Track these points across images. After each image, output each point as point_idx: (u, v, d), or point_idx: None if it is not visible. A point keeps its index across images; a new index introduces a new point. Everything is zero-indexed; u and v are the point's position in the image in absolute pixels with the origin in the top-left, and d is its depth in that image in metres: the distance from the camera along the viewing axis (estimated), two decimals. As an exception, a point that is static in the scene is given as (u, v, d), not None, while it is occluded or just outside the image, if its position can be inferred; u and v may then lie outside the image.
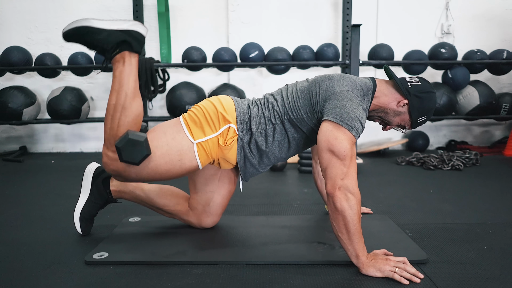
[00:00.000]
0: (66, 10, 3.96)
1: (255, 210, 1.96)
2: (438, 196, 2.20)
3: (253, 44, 3.53)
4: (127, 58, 1.34)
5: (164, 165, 1.37)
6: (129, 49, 1.34)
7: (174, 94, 3.56)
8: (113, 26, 1.32)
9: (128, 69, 1.34)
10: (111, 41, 1.31)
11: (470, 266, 1.30)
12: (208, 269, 1.29)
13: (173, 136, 1.39)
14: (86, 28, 1.30)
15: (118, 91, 1.34)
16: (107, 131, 1.35)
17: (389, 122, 1.49)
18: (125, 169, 1.36)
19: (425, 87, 1.45)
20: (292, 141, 1.45)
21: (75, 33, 1.31)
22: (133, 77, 1.35)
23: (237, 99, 1.49)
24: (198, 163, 1.41)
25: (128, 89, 1.34)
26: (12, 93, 3.56)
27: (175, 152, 1.38)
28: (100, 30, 1.31)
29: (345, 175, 1.23)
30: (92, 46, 1.33)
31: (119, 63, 1.34)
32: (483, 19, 3.96)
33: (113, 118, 1.34)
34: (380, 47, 3.58)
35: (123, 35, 1.32)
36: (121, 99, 1.33)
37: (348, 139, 1.26)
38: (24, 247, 1.49)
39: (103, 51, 1.34)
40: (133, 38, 1.33)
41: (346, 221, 1.21)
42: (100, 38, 1.31)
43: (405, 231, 1.62)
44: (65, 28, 1.31)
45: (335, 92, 1.34)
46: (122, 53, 1.33)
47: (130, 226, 1.69)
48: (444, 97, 3.52)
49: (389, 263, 1.21)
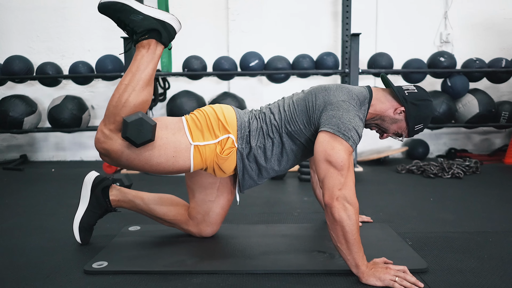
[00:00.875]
0: (67, 20, 3.99)
1: (255, 219, 1.96)
2: (438, 205, 2.20)
3: (253, 53, 3.55)
4: (153, 46, 1.34)
5: (157, 157, 1.36)
6: (158, 39, 1.34)
7: (175, 102, 3.57)
8: (150, 13, 1.33)
9: (150, 57, 1.34)
10: (144, 25, 1.31)
11: (470, 275, 1.29)
12: (208, 279, 1.29)
13: (174, 132, 1.39)
14: (123, 6, 1.31)
15: (134, 73, 1.33)
16: (110, 108, 1.34)
17: (386, 130, 1.49)
18: (118, 150, 1.34)
19: (422, 95, 1.45)
20: (290, 154, 1.45)
21: (112, 7, 1.31)
22: (152, 65, 1.35)
23: (239, 110, 1.49)
24: (190, 165, 1.40)
25: (143, 75, 1.33)
26: (13, 102, 3.58)
27: (172, 147, 1.37)
28: (137, 11, 1.32)
29: (343, 185, 1.23)
30: (123, 25, 1.34)
31: (144, 49, 1.34)
32: (482, 28, 3.99)
33: (121, 97, 1.33)
34: (379, 55, 3.60)
35: (157, 24, 1.32)
36: (134, 82, 1.33)
37: (345, 149, 1.26)
38: (23, 256, 1.49)
39: (132, 32, 1.34)
40: (166, 30, 1.34)
41: (345, 231, 1.20)
42: (135, 20, 1.31)
43: (405, 239, 1.62)
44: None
45: (331, 102, 1.34)
46: (149, 40, 1.34)
47: (129, 235, 1.69)
48: (444, 105, 3.54)
49: (389, 272, 1.21)
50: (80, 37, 4.01)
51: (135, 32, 1.33)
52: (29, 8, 3.97)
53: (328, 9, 3.99)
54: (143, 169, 1.40)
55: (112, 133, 1.34)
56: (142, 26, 1.31)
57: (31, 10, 3.97)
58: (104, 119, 1.36)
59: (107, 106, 1.36)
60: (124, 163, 1.38)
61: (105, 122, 1.35)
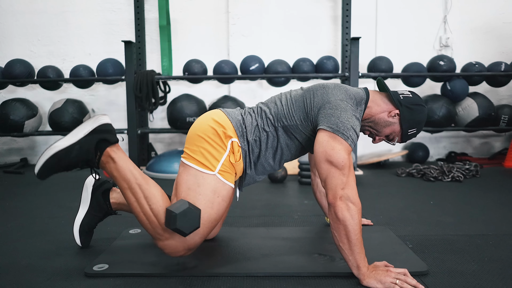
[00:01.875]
0: (68, 23, 4.01)
1: (255, 222, 1.96)
2: (439, 208, 2.20)
3: (254, 57, 3.57)
4: (112, 153, 1.33)
5: (212, 210, 1.34)
6: (108, 145, 1.32)
7: (175, 106, 3.58)
8: (79, 135, 1.31)
9: (122, 162, 1.32)
10: (87, 149, 1.30)
11: (471, 277, 1.29)
12: (209, 281, 1.29)
13: (197, 183, 1.34)
14: (55, 156, 1.28)
15: (130, 188, 1.32)
16: (150, 228, 1.31)
17: (379, 133, 1.49)
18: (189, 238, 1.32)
19: (416, 100, 1.47)
20: (285, 148, 1.45)
21: (48, 166, 1.28)
22: (131, 165, 1.33)
23: (227, 110, 1.48)
24: (230, 185, 1.39)
25: (136, 179, 1.32)
26: (14, 105, 3.59)
27: (211, 193, 1.34)
28: (69, 147, 1.29)
29: (345, 185, 1.24)
30: (72, 166, 1.31)
31: (109, 163, 1.33)
32: (481, 32, 4.00)
33: (146, 213, 1.31)
34: (379, 59, 3.62)
35: (94, 137, 1.31)
36: (138, 193, 1.31)
37: (345, 149, 1.27)
38: (24, 259, 1.49)
39: (87, 162, 1.32)
40: (105, 132, 1.32)
41: (348, 230, 1.21)
42: (76, 154, 1.29)
43: (406, 242, 1.62)
44: (35, 169, 1.29)
45: (329, 101, 1.35)
46: (105, 153, 1.32)
47: (130, 238, 1.69)
48: (444, 109, 3.55)
49: (390, 274, 1.21)
50: (81, 41, 4.02)
51: (89, 160, 1.32)
52: (30, 12, 3.99)
53: (328, 14, 4.01)
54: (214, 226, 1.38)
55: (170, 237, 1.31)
56: (87, 151, 1.30)
57: (32, 14, 3.99)
58: (155, 238, 1.33)
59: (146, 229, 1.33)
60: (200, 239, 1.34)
61: (158, 238, 1.32)
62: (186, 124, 3.50)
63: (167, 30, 3.72)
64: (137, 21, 3.78)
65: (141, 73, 3.50)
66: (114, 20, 4.01)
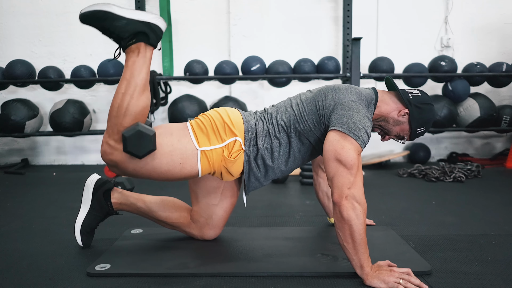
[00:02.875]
0: (69, 24, 4.00)
1: (257, 222, 1.96)
2: (441, 208, 2.19)
3: (255, 57, 3.56)
4: (142, 49, 1.32)
5: (165, 165, 1.36)
6: (146, 41, 1.31)
7: (176, 106, 3.58)
8: (133, 16, 1.30)
9: (142, 61, 1.32)
10: (129, 29, 1.28)
11: (475, 277, 1.29)
12: (211, 281, 1.28)
13: (179, 138, 1.38)
14: (106, 13, 1.27)
15: (128, 81, 1.32)
16: (111, 119, 1.33)
17: (389, 132, 1.50)
18: (124, 161, 1.34)
19: (425, 98, 1.47)
20: (298, 154, 1.45)
21: (94, 16, 1.28)
22: (145, 69, 1.33)
23: (244, 113, 1.49)
24: (198, 171, 1.40)
25: (138, 80, 1.32)
26: (15, 105, 3.58)
27: (178, 154, 1.36)
28: (119, 17, 1.28)
29: (352, 184, 1.23)
30: (108, 32, 1.31)
31: (134, 53, 1.32)
32: (482, 33, 4.00)
33: (120, 107, 1.31)
34: (380, 60, 3.61)
35: (142, 26, 1.30)
36: (131, 89, 1.31)
37: (355, 149, 1.26)
38: (25, 259, 1.48)
39: (119, 39, 1.31)
40: (152, 30, 1.31)
41: (352, 230, 1.20)
42: (119, 25, 1.28)
43: (409, 242, 1.61)
44: (83, 9, 1.28)
45: (341, 102, 1.35)
46: (138, 44, 1.31)
47: (132, 238, 1.69)
48: (445, 110, 3.54)
49: (393, 274, 1.21)
50: (82, 42, 4.02)
51: (121, 38, 1.30)
52: (31, 13, 3.99)
53: (329, 14, 4.00)
54: (151, 177, 1.40)
55: (117, 144, 1.34)
56: (127, 30, 1.28)
57: (33, 15, 3.99)
58: (107, 130, 1.35)
59: (108, 117, 1.35)
60: (131, 172, 1.38)
61: (109, 133, 1.34)
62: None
63: (168, 30, 3.71)
64: (138, 21, 3.78)
65: (142, 73, 3.49)
66: (115, 20, 4.00)
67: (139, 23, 1.30)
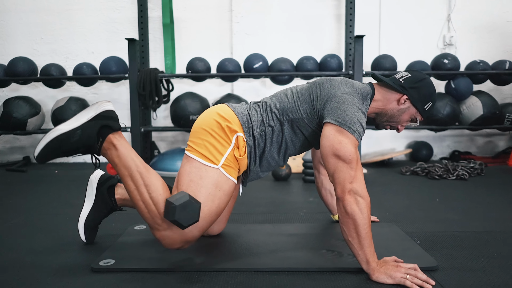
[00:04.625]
0: (71, 22, 4.01)
1: (261, 219, 1.95)
2: (445, 205, 2.18)
3: (257, 55, 3.56)
4: (114, 140, 1.31)
5: (213, 204, 1.32)
6: (110, 131, 1.31)
7: (178, 104, 3.57)
8: (82, 120, 1.29)
9: (123, 149, 1.31)
10: (89, 134, 1.27)
11: (481, 273, 1.28)
12: (216, 276, 1.27)
13: (200, 176, 1.32)
14: (57, 139, 1.27)
15: (130, 176, 1.30)
16: (149, 216, 1.29)
17: (398, 122, 1.49)
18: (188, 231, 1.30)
19: (417, 76, 1.46)
20: (290, 143, 1.44)
21: (50, 150, 1.27)
22: (133, 153, 1.32)
23: (233, 105, 1.46)
24: (233, 180, 1.38)
25: (137, 167, 1.30)
26: (17, 103, 3.58)
27: (212, 187, 1.32)
28: (71, 131, 1.27)
29: (353, 179, 1.23)
30: (73, 151, 1.29)
31: (111, 150, 1.31)
32: (485, 31, 3.99)
33: (145, 201, 1.29)
34: (383, 58, 3.60)
35: (97, 123, 1.29)
36: (139, 180, 1.29)
37: (351, 143, 1.26)
38: (29, 255, 1.48)
39: (89, 148, 1.30)
40: (108, 118, 1.30)
41: (357, 224, 1.20)
42: (77, 139, 1.27)
43: (413, 239, 1.61)
44: (35, 152, 1.27)
45: (335, 95, 1.34)
46: (107, 139, 1.30)
47: (136, 234, 1.68)
48: (448, 107, 3.53)
49: (400, 269, 1.20)
50: (84, 39, 4.02)
51: (90, 146, 1.30)
52: (33, 10, 3.99)
53: (332, 12, 3.99)
54: (213, 220, 1.36)
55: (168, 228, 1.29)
56: (89, 136, 1.28)
57: (35, 12, 3.99)
58: (152, 227, 1.31)
59: (144, 218, 1.31)
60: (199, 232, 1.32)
61: (155, 228, 1.30)
62: (190, 122, 3.49)
63: (171, 28, 3.71)
64: (140, 19, 3.77)
65: (145, 71, 3.49)
66: (117, 18, 4.00)
67: (92, 122, 1.29)
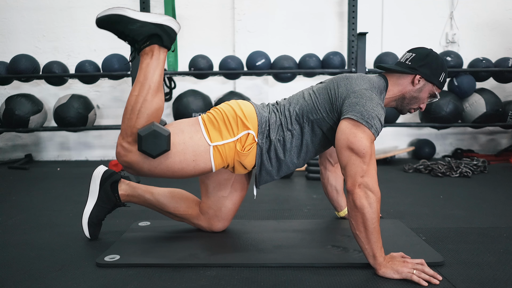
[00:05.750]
0: (73, 19, 4.00)
1: (265, 215, 1.95)
2: (449, 202, 2.18)
3: (260, 52, 3.55)
4: (156, 51, 1.34)
5: (178, 163, 1.36)
6: (160, 43, 1.33)
7: (181, 102, 3.57)
8: (147, 18, 1.32)
9: (156, 63, 1.34)
10: (143, 32, 1.30)
11: (488, 268, 1.27)
12: (222, 272, 1.27)
13: (191, 135, 1.38)
14: (120, 17, 1.30)
15: (142, 83, 1.33)
16: (125, 121, 1.34)
17: (420, 101, 1.49)
18: (139, 162, 1.35)
19: (422, 53, 1.46)
20: (310, 145, 1.44)
21: (109, 20, 1.31)
22: (158, 71, 1.35)
23: (257, 105, 1.48)
24: (212, 166, 1.40)
25: (152, 82, 1.33)
26: (19, 100, 3.58)
27: (191, 151, 1.36)
28: (134, 20, 1.30)
29: (365, 173, 1.22)
30: (123, 35, 1.33)
31: (148, 56, 1.34)
32: (487, 29, 3.98)
33: (133, 109, 1.33)
34: (385, 55, 3.59)
35: (156, 28, 1.32)
36: (144, 92, 1.33)
37: (367, 137, 1.25)
38: (33, 251, 1.47)
39: (133, 41, 1.34)
40: (165, 33, 1.33)
41: (365, 218, 1.19)
42: (133, 28, 1.30)
43: (419, 235, 1.60)
44: (99, 14, 1.31)
45: (354, 91, 1.34)
46: (151, 46, 1.33)
47: (140, 230, 1.68)
48: (451, 105, 3.52)
49: (406, 265, 1.19)
50: (86, 37, 4.01)
51: (136, 41, 1.33)
52: (35, 8, 3.98)
53: (334, 10, 3.99)
54: (166, 176, 1.40)
55: (131, 146, 1.34)
56: (141, 33, 1.31)
57: (37, 10, 3.98)
58: (121, 132, 1.36)
59: (122, 120, 1.36)
60: (146, 172, 1.38)
61: (123, 135, 1.35)
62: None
63: (173, 25, 3.69)
64: (142, 16, 3.76)
65: (147, 68, 3.48)
66: (119, 16, 3.99)
67: (152, 26, 1.32)
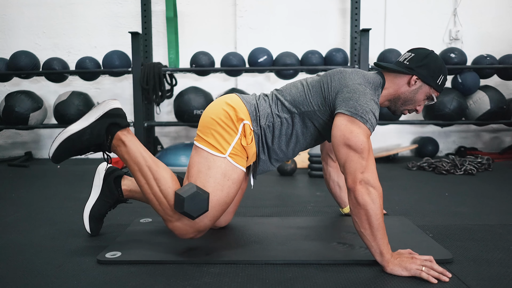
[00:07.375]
0: (74, 16, 3.97)
1: (268, 212, 1.92)
2: (454, 199, 2.15)
3: (262, 49, 3.52)
4: (123, 136, 1.33)
5: (222, 193, 1.32)
6: (118, 128, 1.33)
7: (182, 99, 3.53)
8: (90, 119, 1.33)
9: (132, 145, 1.33)
10: (99, 133, 1.31)
11: (498, 265, 1.25)
12: (226, 268, 1.24)
13: (208, 166, 1.32)
14: (69, 139, 1.32)
15: (140, 170, 1.31)
16: (160, 209, 1.31)
17: (415, 103, 1.45)
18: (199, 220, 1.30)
19: (421, 53, 1.42)
20: (301, 137, 1.41)
21: (63, 150, 1.33)
22: (141, 148, 1.34)
23: (243, 96, 1.45)
24: (241, 168, 1.36)
25: (146, 161, 1.31)
26: (19, 97, 3.54)
27: (221, 176, 1.32)
28: (81, 131, 1.32)
29: (365, 169, 1.20)
30: (86, 149, 1.34)
31: (120, 146, 1.34)
32: (491, 25, 3.94)
33: (156, 195, 1.30)
34: (388, 52, 3.56)
35: (106, 120, 1.32)
36: (149, 175, 1.31)
37: (363, 132, 1.23)
38: (33, 247, 1.45)
39: (99, 146, 1.34)
40: (115, 116, 1.33)
41: (369, 215, 1.16)
42: (88, 138, 1.31)
43: (425, 232, 1.57)
44: (50, 153, 1.33)
45: (347, 85, 1.31)
46: (115, 136, 1.33)
47: (142, 227, 1.65)
48: (454, 102, 3.49)
49: (415, 261, 1.17)
50: (86, 34, 3.98)
51: (100, 144, 1.33)
52: (35, 5, 3.95)
53: (336, 6, 3.95)
54: (224, 209, 1.36)
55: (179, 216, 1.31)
56: (99, 135, 1.31)
57: (37, 7, 3.95)
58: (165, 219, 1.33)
59: (156, 211, 1.33)
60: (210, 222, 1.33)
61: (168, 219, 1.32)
62: (194, 117, 3.45)
63: (174, 22, 3.67)
64: (143, 13, 3.72)
65: (148, 65, 3.45)
66: (120, 12, 3.96)
67: (100, 121, 1.32)
